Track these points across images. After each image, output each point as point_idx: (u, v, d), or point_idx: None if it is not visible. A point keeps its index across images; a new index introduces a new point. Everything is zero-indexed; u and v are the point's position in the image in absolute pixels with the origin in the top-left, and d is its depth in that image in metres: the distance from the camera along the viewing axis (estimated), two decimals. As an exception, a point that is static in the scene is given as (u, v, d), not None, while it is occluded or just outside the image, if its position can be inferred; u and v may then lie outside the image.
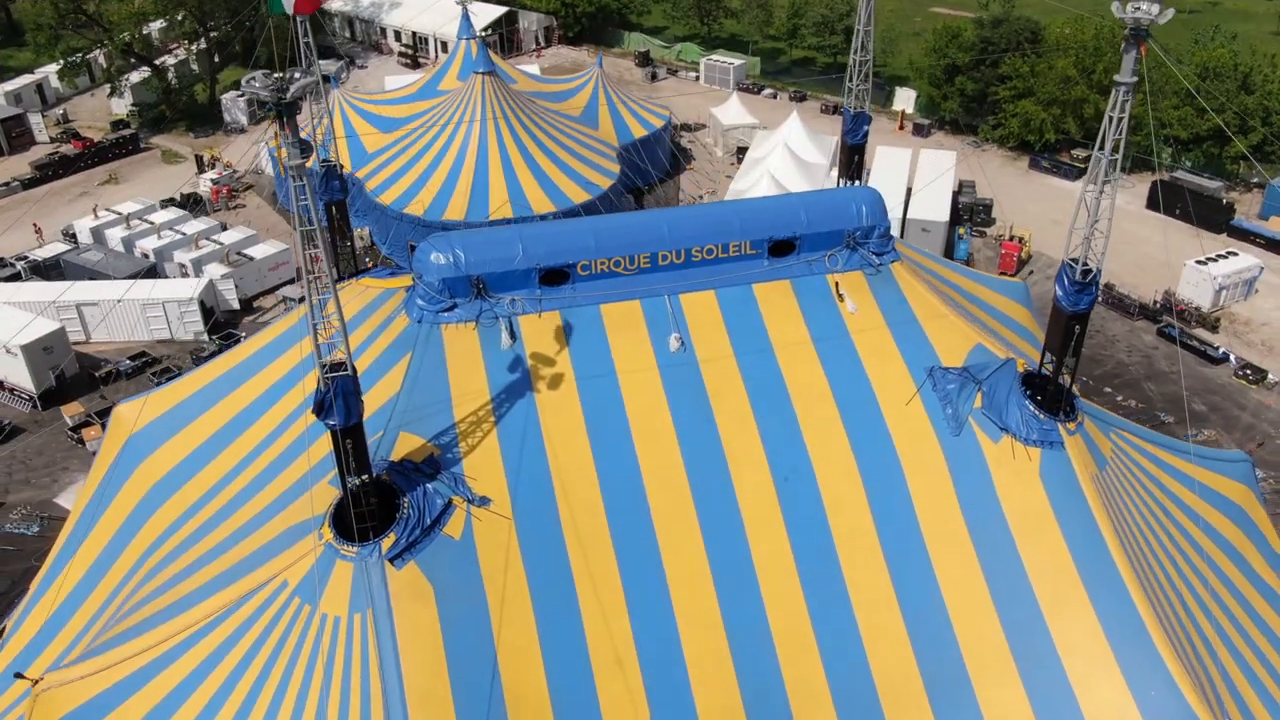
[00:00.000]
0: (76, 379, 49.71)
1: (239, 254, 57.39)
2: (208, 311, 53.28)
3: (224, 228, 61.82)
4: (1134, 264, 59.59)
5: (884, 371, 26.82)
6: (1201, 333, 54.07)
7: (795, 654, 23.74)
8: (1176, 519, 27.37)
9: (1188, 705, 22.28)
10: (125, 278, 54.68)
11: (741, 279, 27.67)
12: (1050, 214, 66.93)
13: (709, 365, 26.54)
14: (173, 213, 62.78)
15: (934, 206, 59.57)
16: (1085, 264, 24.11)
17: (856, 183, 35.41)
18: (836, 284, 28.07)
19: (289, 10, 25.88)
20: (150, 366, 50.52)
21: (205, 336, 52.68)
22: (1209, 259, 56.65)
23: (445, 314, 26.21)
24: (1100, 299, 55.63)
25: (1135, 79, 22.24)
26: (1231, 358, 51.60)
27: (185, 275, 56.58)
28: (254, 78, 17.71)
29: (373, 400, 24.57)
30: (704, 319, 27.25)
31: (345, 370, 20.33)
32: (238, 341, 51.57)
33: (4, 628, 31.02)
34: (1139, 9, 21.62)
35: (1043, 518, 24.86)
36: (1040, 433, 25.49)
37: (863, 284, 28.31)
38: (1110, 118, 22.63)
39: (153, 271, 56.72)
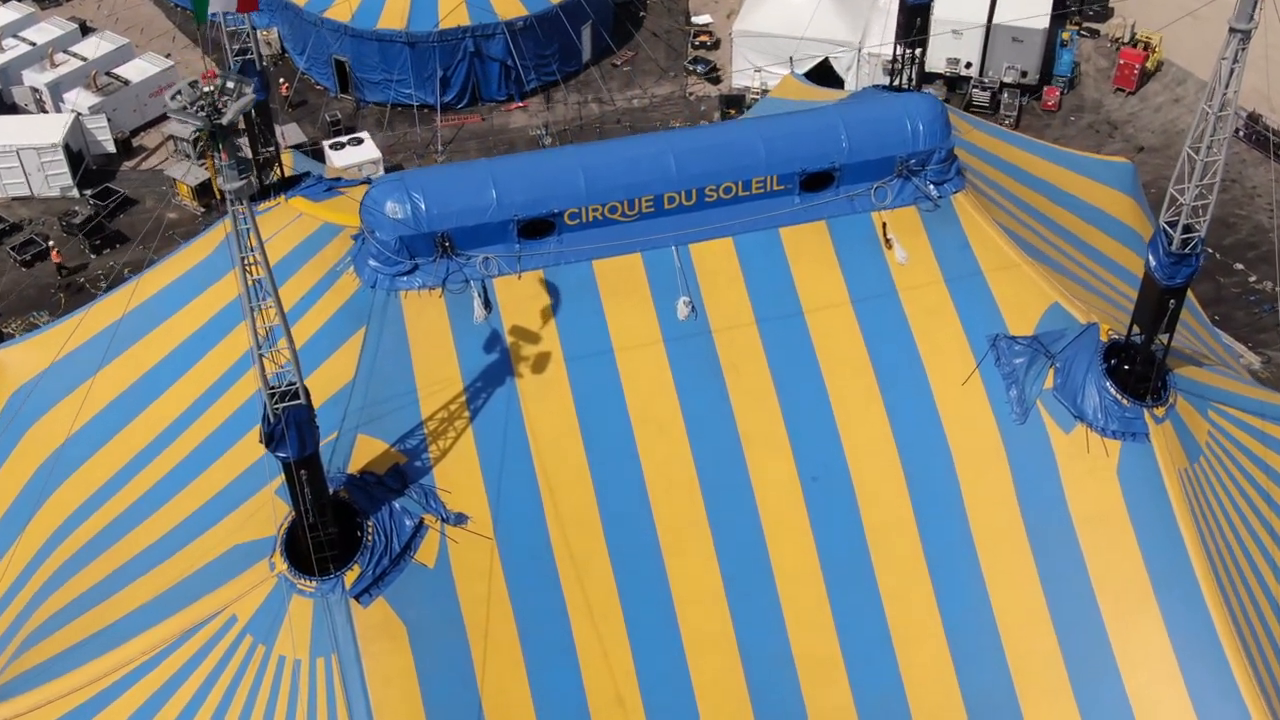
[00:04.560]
0: (-84, 256, 52.61)
1: (109, 75, 58.96)
2: (75, 158, 55.45)
3: (85, 30, 62.99)
4: (1291, 81, 61.07)
5: (937, 340, 29.98)
6: (1369, 183, 56.47)
7: (820, 680, 28.03)
8: (1283, 509, 31.15)
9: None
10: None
11: (766, 222, 30.39)
12: (1189, 2, 67.54)
13: (724, 335, 29.69)
14: (13, 9, 63.70)
15: (1029, 3, 60.66)
16: (1186, 228, 26.70)
17: (916, 56, 37.30)
18: (884, 226, 30.80)
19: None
20: (8, 237, 53.28)
21: (75, 193, 55.09)
22: (1387, 80, 58.19)
23: (404, 278, 29.08)
24: (1241, 133, 57.76)
25: (1254, 24, 24.28)
26: (1402, 221, 54.24)
27: (40, 106, 58.30)
28: (179, 92, 19.95)
29: (321, 387, 27.67)
30: (719, 275, 30.18)
31: (298, 400, 23.46)
32: (123, 200, 54.23)
33: None
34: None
35: (1116, 522, 28.64)
36: (1122, 422, 28.88)
37: (917, 224, 31.04)
38: (1222, 62, 24.80)
39: (-3, 101, 58.62)
